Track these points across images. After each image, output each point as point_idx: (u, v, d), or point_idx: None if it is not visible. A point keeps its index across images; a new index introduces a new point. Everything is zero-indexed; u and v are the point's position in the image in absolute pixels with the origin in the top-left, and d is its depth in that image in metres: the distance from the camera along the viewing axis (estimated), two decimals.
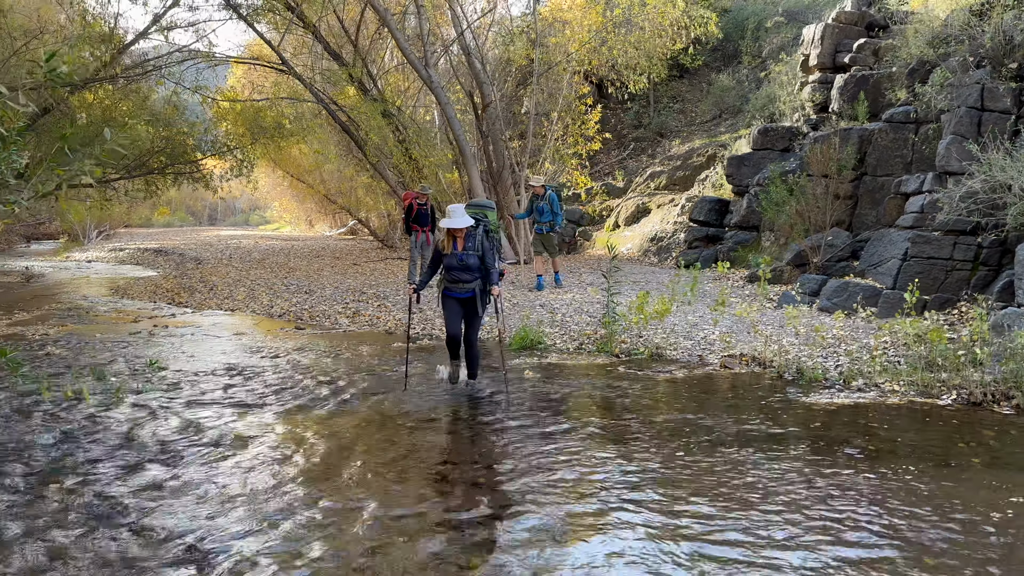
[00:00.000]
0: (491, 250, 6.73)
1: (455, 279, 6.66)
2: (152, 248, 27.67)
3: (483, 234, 6.68)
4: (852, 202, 11.46)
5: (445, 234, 6.60)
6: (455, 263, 6.59)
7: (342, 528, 4.06)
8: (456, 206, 6.62)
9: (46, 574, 3.58)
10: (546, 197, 12.26)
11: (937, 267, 8.79)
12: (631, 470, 4.86)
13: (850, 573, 3.50)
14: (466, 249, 6.62)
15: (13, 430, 5.78)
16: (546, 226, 12.34)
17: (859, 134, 11.43)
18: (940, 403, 6.28)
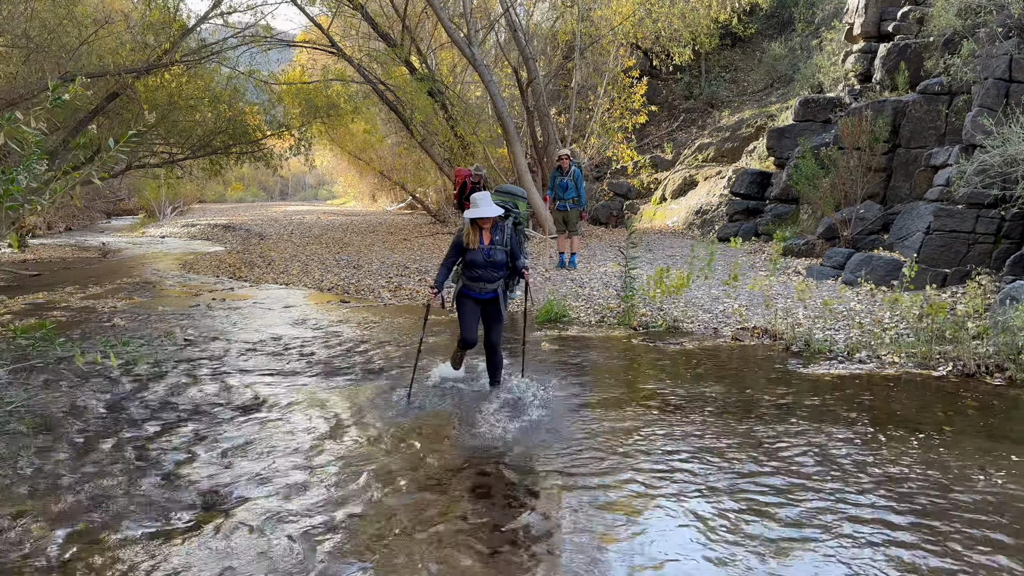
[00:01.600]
0: (520, 245, 6.04)
1: (477, 277, 5.90)
2: (222, 224, 28.93)
3: (512, 227, 5.99)
4: (886, 175, 11.41)
5: (469, 226, 5.84)
6: (480, 259, 5.82)
7: (349, 484, 4.61)
8: (482, 194, 5.84)
9: (91, 512, 4.23)
10: (570, 173, 12.09)
11: (959, 240, 8.80)
12: (607, 432, 5.27)
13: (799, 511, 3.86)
14: (493, 243, 5.85)
15: (71, 395, 6.54)
16: (569, 202, 12.17)
17: (893, 106, 11.34)
18: (935, 374, 6.47)
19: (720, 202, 17.02)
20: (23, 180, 2.88)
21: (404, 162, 25.73)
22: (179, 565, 3.65)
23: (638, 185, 20.87)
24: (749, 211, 15.23)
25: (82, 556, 3.77)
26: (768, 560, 3.55)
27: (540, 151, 18.63)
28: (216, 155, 20.35)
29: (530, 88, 17.87)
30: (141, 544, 3.86)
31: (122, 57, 16.61)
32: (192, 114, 18.57)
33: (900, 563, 3.50)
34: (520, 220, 6.21)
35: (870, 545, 3.66)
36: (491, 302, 6.02)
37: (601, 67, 19.79)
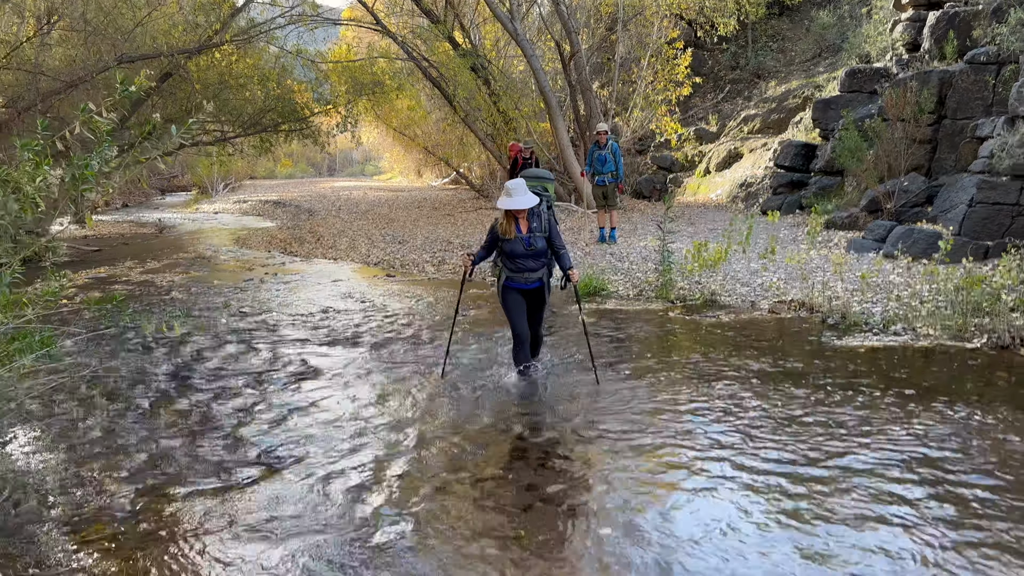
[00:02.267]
0: (557, 230, 5.83)
1: (520, 268, 5.71)
2: (272, 200, 29.60)
3: (547, 210, 5.77)
4: (931, 147, 11.25)
5: (504, 216, 5.66)
6: (521, 249, 5.63)
7: (391, 446, 4.91)
8: (516, 182, 5.62)
9: (155, 470, 4.61)
10: (608, 147, 12.12)
11: (1003, 212, 8.71)
12: (624, 399, 5.48)
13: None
14: (532, 231, 5.66)
15: (136, 363, 6.98)
16: (607, 177, 12.19)
17: (939, 76, 11.14)
18: (968, 346, 6.51)
19: (765, 175, 16.87)
20: (96, 165, 3.19)
21: (448, 138, 25.96)
22: (237, 515, 3.99)
23: (681, 158, 20.76)
24: (793, 184, 15.12)
25: (151, 507, 4.14)
26: (806, 528, 3.74)
27: (583, 125, 18.67)
28: (266, 133, 20.84)
29: (572, 62, 17.89)
30: (203, 497, 4.22)
31: (174, 38, 17.10)
32: (242, 92, 19.03)
33: (932, 533, 3.66)
34: (552, 203, 5.96)
35: (897, 515, 3.82)
36: (537, 292, 5.85)
37: (645, 39, 19.68)
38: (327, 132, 21.93)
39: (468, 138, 22.53)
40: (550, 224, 5.74)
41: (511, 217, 5.64)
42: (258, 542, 3.72)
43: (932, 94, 11.05)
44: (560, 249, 5.78)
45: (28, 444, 5.06)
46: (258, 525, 3.88)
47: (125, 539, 3.80)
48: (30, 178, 3.00)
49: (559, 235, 5.83)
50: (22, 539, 3.81)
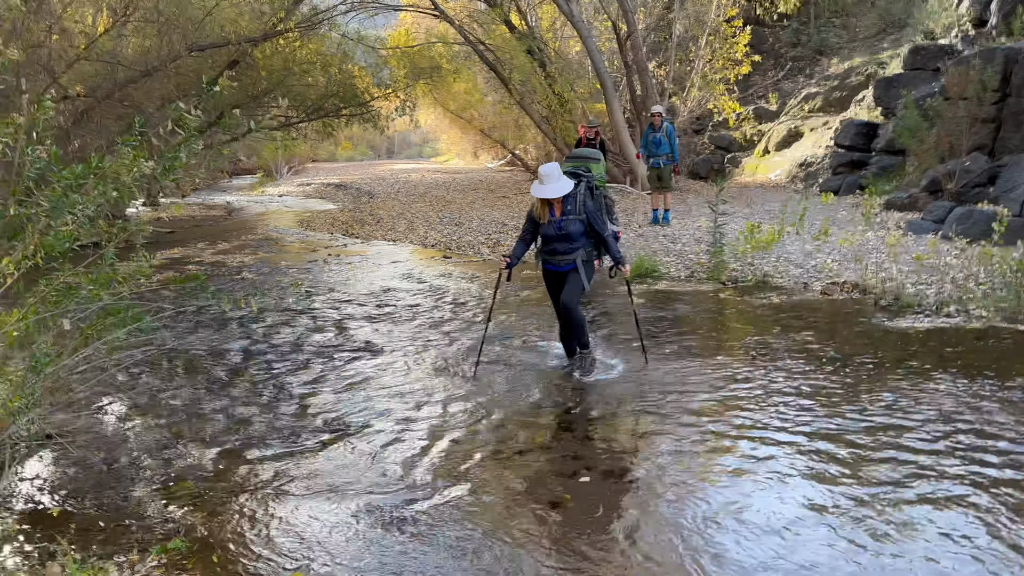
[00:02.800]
0: (598, 212, 5.73)
1: (553, 251, 5.76)
2: (334, 183, 30.31)
3: (586, 192, 5.69)
4: (994, 126, 11.00)
5: (538, 199, 5.67)
6: (552, 232, 5.67)
7: (447, 417, 5.23)
8: (550, 166, 5.62)
9: (233, 435, 5.02)
10: (663, 129, 12.13)
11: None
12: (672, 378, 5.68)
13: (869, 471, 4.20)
14: (565, 214, 5.64)
15: (213, 338, 7.47)
16: (662, 159, 12.20)
17: (1004, 53, 10.86)
18: (1021, 328, 6.50)
19: (825, 154, 16.66)
20: (183, 157, 3.55)
21: (504, 119, 26.17)
22: (307, 477, 4.36)
23: (740, 138, 20.58)
24: (854, 163, 14.91)
25: (230, 468, 4.53)
26: (863, 510, 3.91)
27: (639, 106, 18.67)
28: (328, 118, 21.40)
29: (629, 41, 17.88)
30: (276, 460, 4.60)
31: (241, 26, 17.66)
32: (305, 78, 19.57)
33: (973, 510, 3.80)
34: (597, 184, 5.84)
35: (941, 490, 3.96)
36: (571, 274, 5.77)
37: (703, 17, 19.51)
38: (387, 116, 22.39)
39: (524, 120, 22.70)
40: (587, 206, 5.65)
41: (544, 201, 5.63)
42: (325, 501, 4.07)
43: (996, 72, 10.80)
44: (603, 233, 5.69)
45: (118, 411, 5.54)
46: (325, 486, 4.24)
47: (208, 496, 4.20)
48: (127, 170, 3.37)
49: (601, 219, 5.73)
50: (117, 495, 4.24)
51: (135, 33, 16.84)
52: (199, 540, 3.72)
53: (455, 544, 3.59)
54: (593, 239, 5.77)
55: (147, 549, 3.60)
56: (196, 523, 3.89)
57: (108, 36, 15.11)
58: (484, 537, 3.63)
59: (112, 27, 14.76)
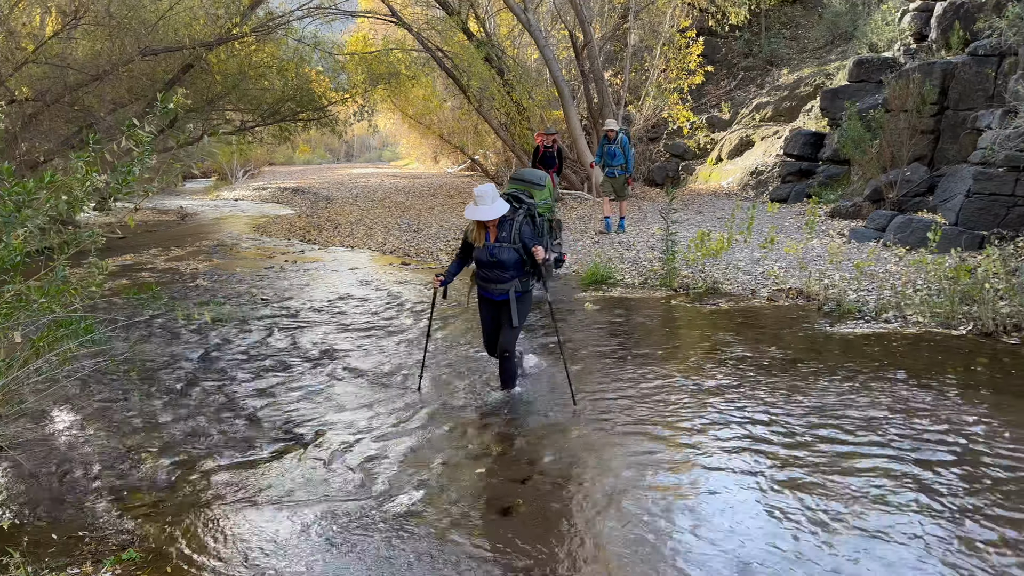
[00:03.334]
0: (533, 237, 5.34)
1: (485, 277, 5.45)
2: (291, 187, 30.07)
3: (525, 220, 5.32)
4: (933, 137, 11.44)
5: (473, 222, 5.35)
6: (485, 258, 5.33)
7: (402, 425, 5.31)
8: (485, 187, 5.19)
9: (187, 445, 5.04)
10: (617, 141, 12.34)
11: (999, 203, 8.95)
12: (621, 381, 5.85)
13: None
14: (499, 240, 5.29)
15: (166, 348, 7.44)
16: (617, 169, 12.45)
17: (942, 68, 11.32)
18: (954, 333, 6.80)
19: (775, 163, 17.07)
20: (137, 171, 3.59)
21: (464, 125, 26.29)
22: (262, 486, 4.41)
23: (693, 146, 20.96)
24: (802, 172, 15.33)
25: (184, 479, 4.56)
26: (785, 503, 4.10)
27: (595, 113, 18.93)
28: (284, 122, 21.27)
29: (585, 51, 18.12)
30: (231, 470, 4.64)
31: (195, 30, 17.48)
32: (261, 82, 19.43)
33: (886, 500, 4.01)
34: (539, 211, 5.46)
35: (856, 480, 4.17)
36: (505, 304, 5.44)
37: (657, 28, 19.86)
38: (344, 121, 22.34)
39: (483, 126, 22.84)
40: (524, 235, 5.26)
41: (480, 224, 5.31)
42: (280, 510, 4.13)
43: (935, 85, 11.24)
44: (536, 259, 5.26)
45: (71, 423, 5.51)
46: (280, 495, 4.30)
47: (162, 507, 4.23)
48: (80, 183, 3.41)
49: (539, 241, 5.38)
50: (71, 506, 4.24)
51: (85, 36, 16.56)
52: (153, 551, 3.76)
53: (409, 551, 3.68)
54: (531, 270, 5.44)
55: (101, 560, 3.63)
56: (150, 534, 3.92)
57: (57, 39, 14.86)
58: (438, 543, 3.73)
59: (62, 30, 14.51)
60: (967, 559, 3.43)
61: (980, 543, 3.54)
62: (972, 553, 3.47)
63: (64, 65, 14.72)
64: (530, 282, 5.52)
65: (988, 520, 3.73)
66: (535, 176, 5.64)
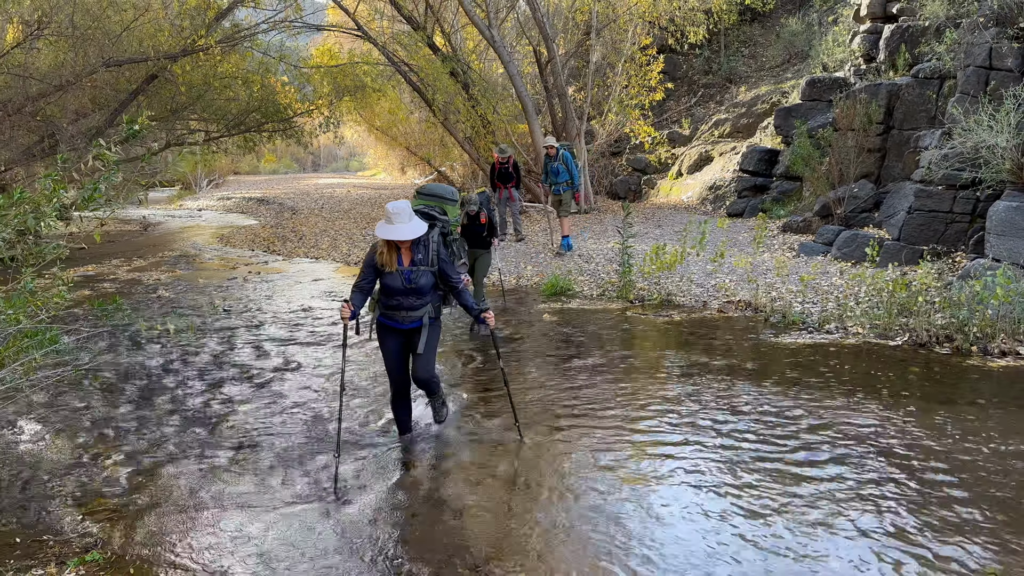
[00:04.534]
0: (449, 260, 4.95)
1: (397, 305, 4.85)
2: (256, 197, 29.97)
3: (439, 239, 4.89)
4: (880, 155, 11.94)
5: (384, 243, 4.74)
6: (400, 285, 4.77)
7: (361, 432, 5.50)
8: (400, 203, 4.67)
9: (149, 452, 5.17)
10: (559, 157, 12.20)
11: (938, 219, 9.40)
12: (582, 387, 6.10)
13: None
14: (415, 263, 4.78)
15: (128, 357, 7.53)
16: (562, 186, 12.24)
17: (888, 89, 11.83)
18: (891, 344, 7.17)
19: (732, 178, 17.55)
20: (103, 188, 3.76)
21: (430, 137, 26.52)
22: (222, 491, 4.57)
23: (655, 161, 21.42)
24: (757, 188, 15.80)
25: (147, 484, 4.70)
26: (722, 504, 4.36)
27: (559, 128, 19.28)
28: (250, 133, 21.33)
29: (549, 67, 18.49)
30: (190, 476, 4.79)
31: (160, 41, 17.50)
32: (226, 92, 19.49)
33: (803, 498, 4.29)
34: (450, 230, 5.10)
35: (786, 477, 4.46)
36: (415, 332, 4.96)
37: (619, 45, 20.29)
38: (310, 132, 22.44)
39: (449, 139, 23.08)
40: (441, 256, 4.88)
41: (392, 246, 4.75)
42: (240, 513, 4.29)
43: (881, 106, 11.74)
44: (457, 285, 4.94)
45: (35, 431, 5.61)
46: (240, 499, 4.46)
47: (124, 511, 4.36)
48: (47, 200, 3.57)
49: (454, 268, 4.98)
50: (34, 511, 4.36)
51: (48, 46, 16.51)
52: (115, 553, 3.90)
53: (366, 553, 3.87)
54: (442, 292, 5.07)
55: (65, 562, 3.76)
56: (113, 537, 4.06)
57: (20, 48, 14.81)
58: (397, 544, 3.93)
59: (24, 40, 14.48)
60: (896, 547, 3.72)
61: (910, 531, 3.84)
62: (901, 541, 3.76)
63: (26, 75, 14.68)
64: (442, 307, 5.12)
65: (909, 511, 4.03)
66: (446, 191, 5.30)
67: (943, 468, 4.55)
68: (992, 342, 6.77)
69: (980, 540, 3.76)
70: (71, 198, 3.63)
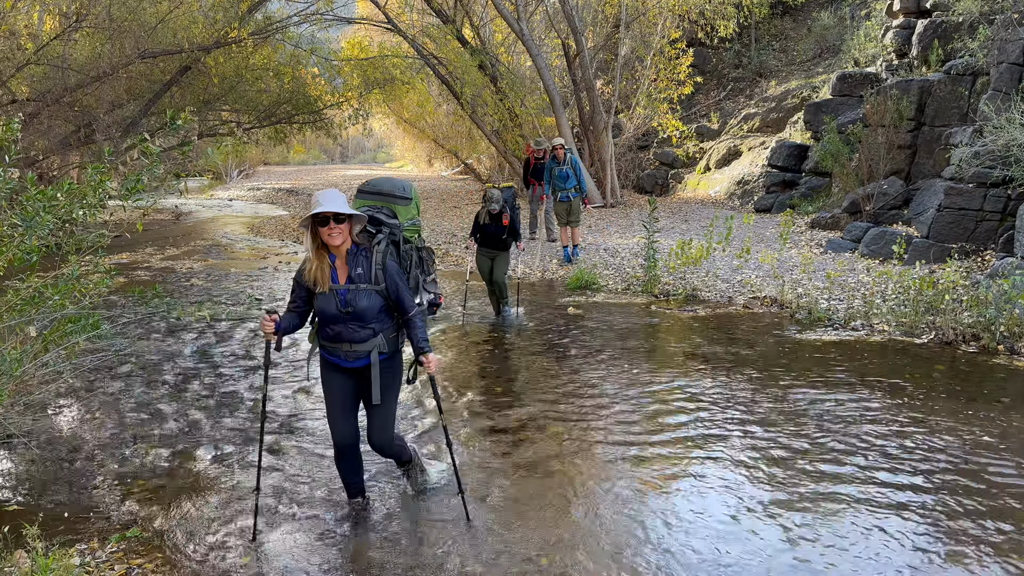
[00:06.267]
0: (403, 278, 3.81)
1: (336, 336, 3.73)
2: (285, 188, 30.34)
3: (388, 248, 3.77)
4: (910, 152, 11.84)
5: (314, 253, 3.67)
6: (334, 309, 3.65)
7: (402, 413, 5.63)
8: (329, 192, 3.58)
9: (185, 435, 5.35)
10: (567, 161, 11.28)
11: (968, 217, 9.33)
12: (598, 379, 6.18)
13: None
14: (353, 280, 3.68)
15: (165, 345, 7.74)
16: (570, 192, 11.30)
17: (919, 85, 11.72)
18: (917, 341, 7.16)
19: (760, 173, 17.47)
20: (145, 180, 3.91)
21: (458, 130, 26.64)
22: (255, 476, 4.72)
23: (682, 155, 21.36)
24: (785, 183, 15.72)
25: (183, 466, 4.87)
26: (746, 499, 4.43)
27: (586, 121, 19.31)
28: (280, 124, 21.60)
29: (577, 60, 18.50)
30: (226, 460, 4.95)
31: (194, 33, 17.80)
32: (257, 84, 19.76)
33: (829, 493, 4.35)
34: (406, 237, 4.00)
35: (809, 474, 4.51)
36: (365, 374, 3.81)
37: (648, 38, 20.24)
38: (339, 123, 22.68)
39: (476, 131, 23.19)
40: (390, 271, 3.70)
41: (323, 256, 3.65)
42: (272, 498, 4.44)
43: (912, 102, 11.64)
44: (408, 311, 3.76)
45: (77, 414, 5.81)
46: (275, 481, 4.61)
47: (163, 491, 4.53)
48: (94, 191, 3.72)
49: (407, 289, 3.78)
50: (77, 490, 4.55)
51: (85, 38, 16.85)
52: (154, 530, 4.06)
53: (393, 536, 4.00)
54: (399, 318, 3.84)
55: (106, 538, 3.94)
56: (152, 515, 4.23)
57: (58, 40, 15.13)
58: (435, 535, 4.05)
59: (63, 32, 14.79)
60: (917, 545, 3.77)
61: (932, 531, 3.88)
62: (923, 538, 3.81)
63: (65, 67, 15.00)
64: (400, 339, 3.93)
65: (932, 510, 4.07)
66: (396, 186, 4.09)
67: (966, 468, 4.58)
68: (1019, 341, 6.74)
69: (1002, 539, 3.79)
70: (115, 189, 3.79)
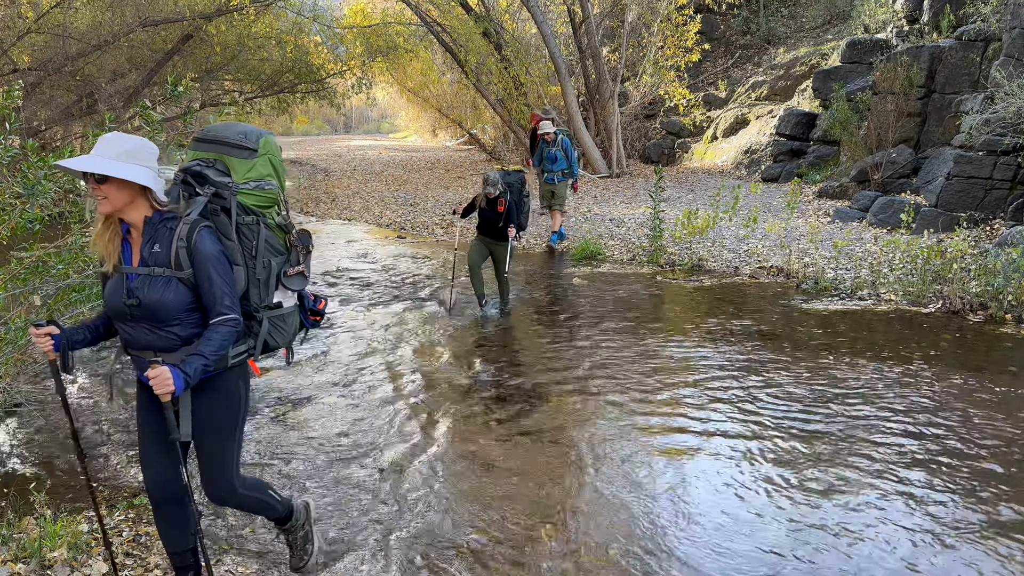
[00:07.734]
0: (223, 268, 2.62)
1: (127, 341, 2.73)
2: (288, 159, 30.16)
3: (203, 221, 2.66)
4: (920, 120, 11.69)
5: (100, 224, 2.62)
6: (118, 299, 2.59)
7: (397, 386, 5.64)
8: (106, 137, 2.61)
9: None
10: (558, 143, 10.73)
11: (977, 186, 9.23)
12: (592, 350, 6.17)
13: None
14: (147, 263, 2.59)
15: None
16: (558, 175, 10.75)
17: (930, 51, 11.54)
18: (924, 311, 7.13)
19: (768, 142, 17.31)
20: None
21: (462, 99, 26.44)
22: (266, 440, 4.74)
23: (689, 124, 21.16)
24: (793, 152, 15.58)
25: None
26: (755, 468, 4.44)
27: (592, 90, 19.12)
28: (283, 94, 21.44)
29: (583, 27, 18.27)
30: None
31: (195, 1, 17.61)
32: (260, 53, 19.59)
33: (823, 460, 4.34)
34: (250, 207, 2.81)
35: (800, 436, 4.51)
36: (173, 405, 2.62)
37: (655, 5, 19.95)
38: (343, 93, 22.50)
39: (481, 101, 23.00)
40: (200, 254, 2.59)
41: (109, 226, 2.63)
42: (289, 459, 4.46)
43: (922, 69, 11.47)
44: (216, 314, 2.60)
45: (82, 384, 5.83)
46: (288, 446, 4.63)
47: None
48: None
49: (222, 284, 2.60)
50: (87, 459, 4.56)
51: (86, 6, 16.68)
52: None
53: (414, 500, 4.02)
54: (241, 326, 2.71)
55: (114, 505, 3.96)
56: None
57: (59, 8, 14.98)
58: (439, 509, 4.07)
59: (63, 0, 14.64)
60: (927, 518, 3.77)
61: (943, 502, 3.88)
62: (934, 510, 3.81)
63: (65, 35, 14.86)
64: (246, 348, 2.85)
65: (942, 482, 4.07)
66: (233, 132, 2.84)
67: (973, 436, 4.57)
68: None
69: (1011, 506, 3.79)
70: None
